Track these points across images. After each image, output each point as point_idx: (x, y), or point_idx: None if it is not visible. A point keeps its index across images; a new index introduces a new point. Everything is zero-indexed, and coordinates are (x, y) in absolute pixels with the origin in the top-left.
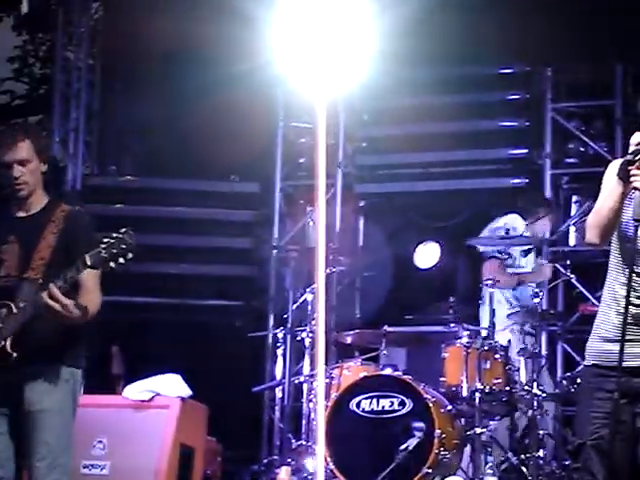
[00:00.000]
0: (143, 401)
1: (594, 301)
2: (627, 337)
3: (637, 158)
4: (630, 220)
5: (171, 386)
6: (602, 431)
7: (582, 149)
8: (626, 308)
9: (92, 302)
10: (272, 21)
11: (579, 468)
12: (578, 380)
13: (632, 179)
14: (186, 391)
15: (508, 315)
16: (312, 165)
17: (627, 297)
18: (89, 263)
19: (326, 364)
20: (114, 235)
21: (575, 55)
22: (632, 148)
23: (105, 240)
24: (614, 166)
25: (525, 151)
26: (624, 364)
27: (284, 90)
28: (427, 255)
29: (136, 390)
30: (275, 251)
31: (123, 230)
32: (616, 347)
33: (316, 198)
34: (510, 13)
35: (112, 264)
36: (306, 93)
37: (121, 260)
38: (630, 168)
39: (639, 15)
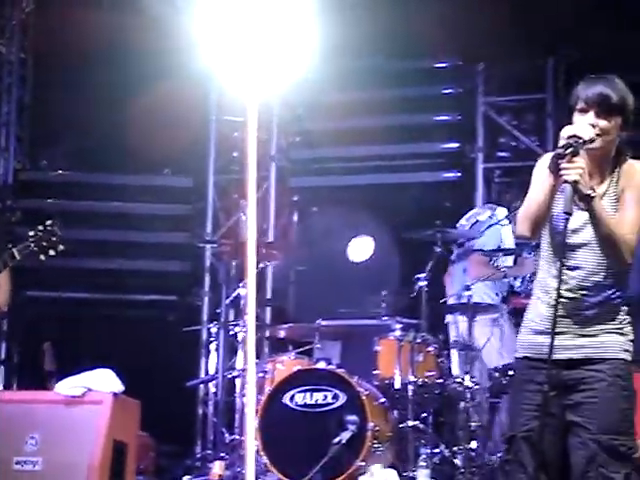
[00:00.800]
0: (75, 397)
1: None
2: (557, 330)
3: (567, 151)
4: (560, 213)
5: (103, 381)
6: (532, 423)
7: (514, 143)
8: (557, 300)
9: (3, 298)
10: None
11: (510, 460)
12: (510, 372)
13: (562, 172)
14: (119, 386)
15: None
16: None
17: (558, 289)
18: (18, 257)
19: (260, 358)
20: (41, 228)
21: (507, 49)
22: (562, 142)
23: (32, 233)
24: (545, 159)
25: (457, 145)
26: (554, 356)
27: (217, 84)
28: (361, 249)
29: (68, 386)
30: (209, 245)
31: (50, 222)
32: (547, 339)
33: (247, 192)
34: (443, 7)
35: (42, 257)
36: (239, 87)
37: (51, 252)
38: (560, 161)
39: (570, 9)
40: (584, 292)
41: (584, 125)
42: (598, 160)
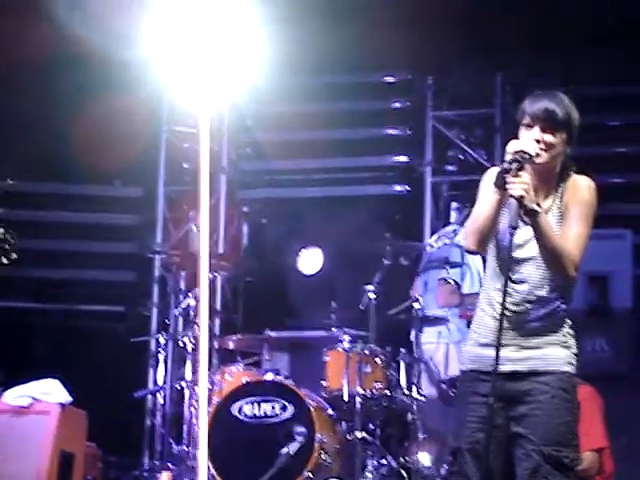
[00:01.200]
0: (22, 407)
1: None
2: (502, 342)
3: (513, 166)
4: (506, 227)
5: (50, 392)
6: (478, 435)
7: (462, 157)
8: (502, 313)
9: None
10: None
11: (455, 472)
12: (457, 384)
13: (508, 187)
14: (66, 397)
15: None
16: (196, 170)
17: (503, 303)
18: None
19: (209, 369)
20: None
21: (456, 64)
22: (508, 156)
23: None
24: (491, 174)
25: (406, 158)
26: (499, 369)
27: (168, 95)
28: (310, 261)
29: (15, 396)
30: (158, 256)
31: (2, 231)
32: (491, 352)
33: (199, 203)
34: (393, 22)
35: None
36: (190, 98)
37: (4, 260)
38: (506, 176)
39: (518, 25)
40: (529, 305)
41: (530, 140)
42: (543, 175)
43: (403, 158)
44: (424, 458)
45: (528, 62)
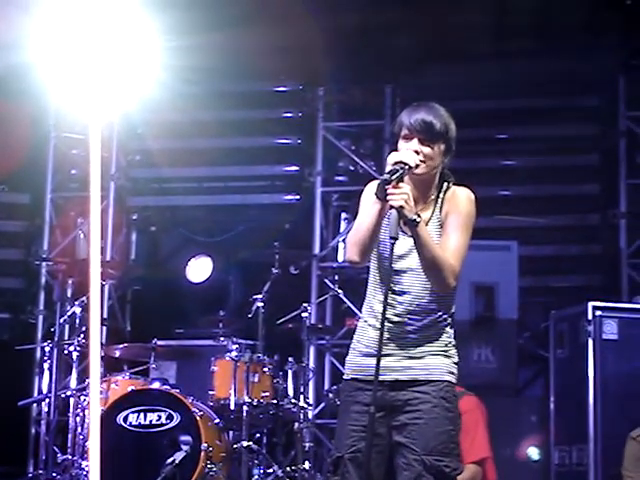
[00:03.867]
0: None
1: (360, 316)
2: (384, 352)
3: (393, 178)
4: (387, 238)
5: None
6: (359, 444)
7: (352, 168)
8: (382, 324)
9: None
10: (43, 31)
11: None
12: (340, 393)
13: (389, 198)
14: None
15: None
16: (84, 176)
17: (383, 313)
18: None
19: None
20: None
21: (346, 76)
22: (389, 167)
23: None
24: (372, 186)
25: (297, 168)
26: (380, 378)
27: (56, 101)
28: (199, 269)
29: None
30: (45, 263)
31: None
32: (373, 361)
33: (88, 210)
34: (284, 31)
35: None
36: (79, 104)
37: None
38: (387, 187)
39: (408, 39)
40: (410, 316)
41: (409, 152)
42: (423, 186)
43: (294, 168)
44: (309, 467)
45: (417, 75)
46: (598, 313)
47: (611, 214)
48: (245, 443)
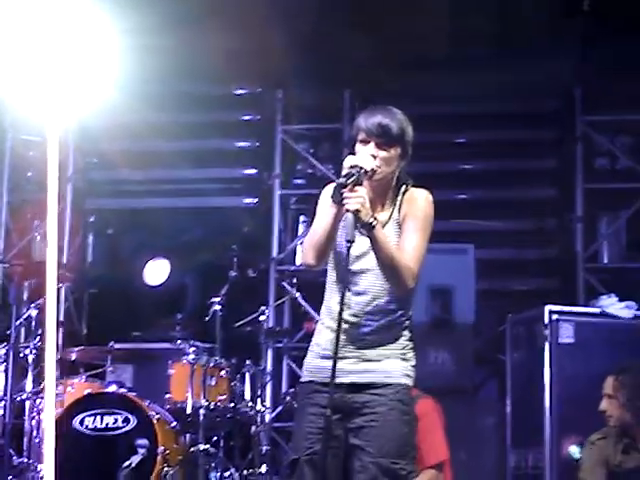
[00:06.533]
0: None
1: (319, 319)
2: (341, 354)
3: (349, 181)
4: (343, 241)
5: None
6: (316, 446)
7: (310, 171)
8: (339, 324)
9: None
10: None
11: None
12: (297, 396)
13: (345, 202)
14: None
15: None
16: (41, 179)
17: (340, 313)
18: None
19: None
20: None
21: (305, 79)
22: (345, 171)
23: None
24: (328, 189)
25: (255, 171)
26: (338, 380)
27: (12, 102)
28: (157, 272)
29: None
30: (0, 265)
31: None
32: (330, 363)
33: (45, 212)
34: (243, 34)
35: None
36: (36, 106)
37: None
38: (343, 191)
39: (367, 43)
40: (368, 317)
41: (365, 155)
42: (380, 189)
43: (252, 171)
44: (267, 470)
45: (376, 79)
46: (554, 317)
47: (568, 218)
48: (202, 446)
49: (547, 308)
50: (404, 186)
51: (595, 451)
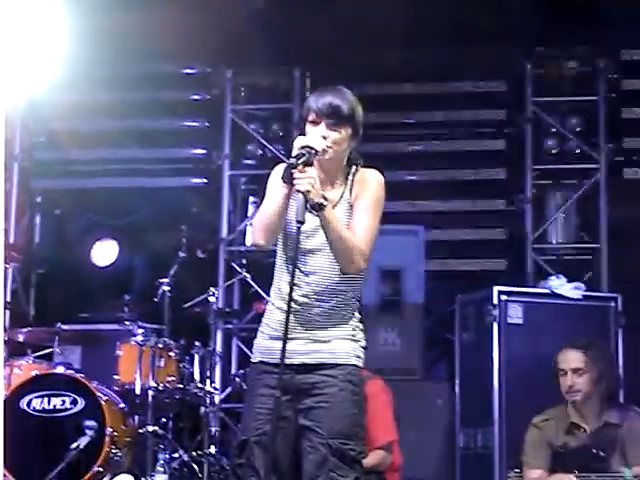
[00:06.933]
0: None
1: (268, 300)
2: (291, 335)
3: (300, 162)
4: (294, 221)
5: None
6: (265, 427)
7: (260, 151)
8: (289, 304)
9: None
10: None
11: (242, 464)
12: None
13: (295, 182)
14: None
15: None
16: None
17: (290, 293)
18: None
19: None
20: None
21: (255, 59)
22: (295, 151)
23: None
24: (279, 169)
25: (204, 151)
26: (287, 361)
27: None
28: (105, 252)
29: None
30: None
31: None
32: (280, 344)
33: None
34: (192, 14)
35: None
36: None
37: None
38: (293, 171)
39: (318, 22)
40: (318, 297)
41: (316, 136)
42: (331, 169)
43: (201, 151)
44: (216, 451)
45: (327, 58)
46: (503, 297)
47: (517, 199)
48: (150, 428)
49: (496, 289)
50: (355, 166)
51: (537, 433)
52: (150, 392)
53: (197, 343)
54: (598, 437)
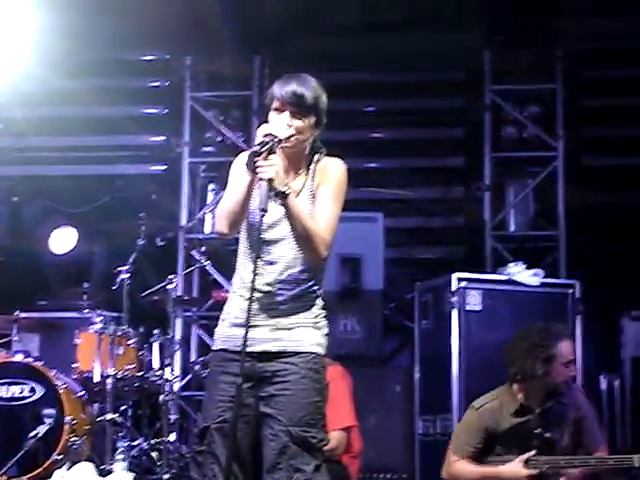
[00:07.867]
0: None
1: (228, 288)
2: (254, 323)
3: (263, 150)
4: (257, 209)
5: None
6: (226, 414)
7: (219, 138)
8: (251, 293)
9: None
10: None
11: (203, 451)
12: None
13: (258, 170)
14: None
15: None
16: None
17: (252, 282)
18: None
19: None
20: None
21: (214, 46)
22: (259, 139)
23: None
24: (242, 157)
25: (163, 138)
26: (249, 349)
27: None
28: (63, 240)
29: None
30: None
31: None
32: (242, 332)
33: None
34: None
35: None
36: None
37: None
38: (257, 159)
39: (278, 8)
40: (281, 285)
41: (280, 124)
42: (294, 157)
43: (160, 138)
44: (175, 439)
45: (286, 45)
46: (462, 284)
47: (475, 187)
48: (109, 416)
49: (454, 276)
50: (318, 155)
51: (476, 419)
52: (109, 380)
53: (156, 331)
54: (547, 417)
